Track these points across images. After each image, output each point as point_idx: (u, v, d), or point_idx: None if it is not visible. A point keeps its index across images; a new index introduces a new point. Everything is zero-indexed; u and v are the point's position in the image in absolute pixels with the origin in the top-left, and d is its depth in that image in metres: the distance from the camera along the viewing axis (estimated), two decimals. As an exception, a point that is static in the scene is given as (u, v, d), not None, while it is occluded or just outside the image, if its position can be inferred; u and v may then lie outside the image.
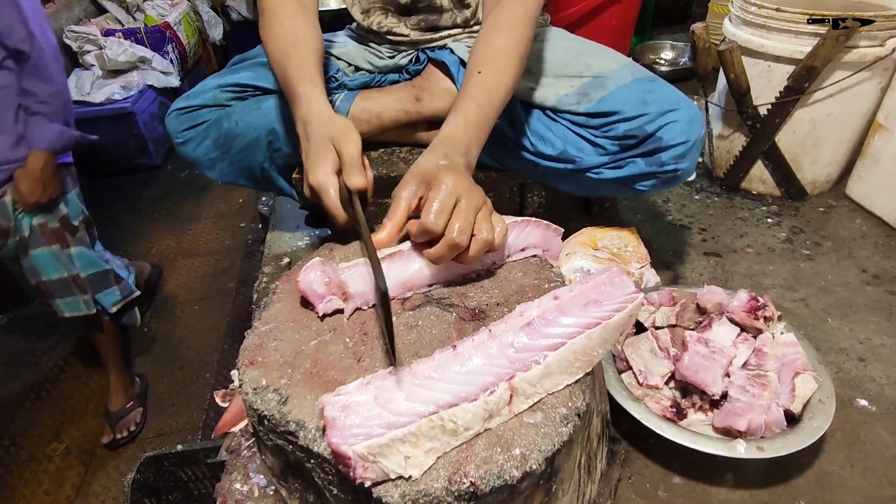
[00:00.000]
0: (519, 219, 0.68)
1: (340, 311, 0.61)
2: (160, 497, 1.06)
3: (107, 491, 1.47)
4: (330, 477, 0.49)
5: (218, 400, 0.89)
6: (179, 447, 1.01)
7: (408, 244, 0.64)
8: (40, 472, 1.53)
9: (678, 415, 0.85)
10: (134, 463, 0.98)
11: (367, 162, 0.69)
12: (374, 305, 0.62)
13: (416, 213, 0.62)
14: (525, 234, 0.69)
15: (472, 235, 0.59)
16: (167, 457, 1.03)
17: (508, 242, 0.67)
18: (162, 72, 2.78)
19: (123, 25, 2.89)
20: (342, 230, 0.68)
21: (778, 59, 1.39)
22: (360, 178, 0.65)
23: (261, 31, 0.88)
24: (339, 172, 0.66)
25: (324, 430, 0.46)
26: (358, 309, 0.62)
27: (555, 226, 0.71)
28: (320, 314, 0.60)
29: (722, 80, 1.54)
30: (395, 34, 1.04)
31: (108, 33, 2.69)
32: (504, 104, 0.77)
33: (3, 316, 1.97)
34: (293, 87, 0.76)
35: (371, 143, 1.08)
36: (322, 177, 0.64)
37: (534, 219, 0.69)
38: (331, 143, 0.67)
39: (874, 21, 1.24)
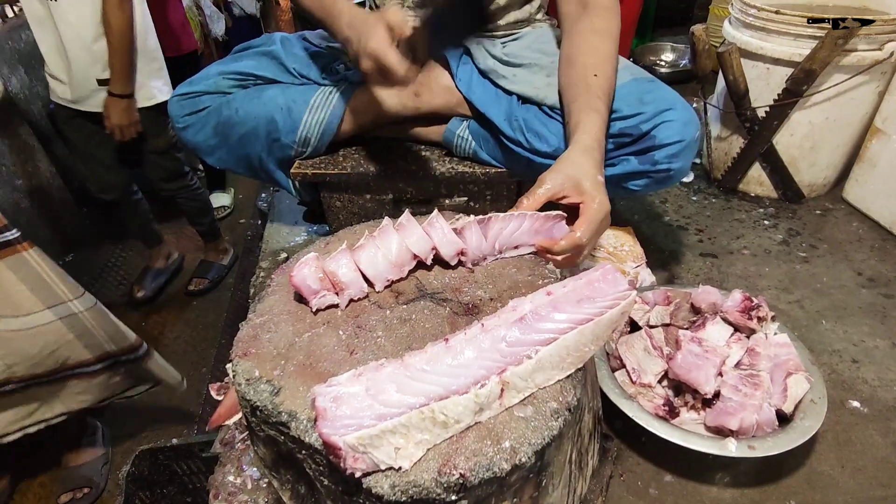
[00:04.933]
0: (514, 213, 0.68)
1: (335, 306, 0.62)
2: (154, 490, 1.06)
3: (102, 484, 1.47)
4: (321, 468, 0.49)
5: (213, 393, 0.90)
6: (175, 441, 1.02)
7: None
8: (36, 462, 1.53)
9: (670, 413, 0.85)
10: (129, 456, 0.99)
11: None
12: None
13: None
14: (520, 232, 0.68)
15: None
16: (162, 450, 1.03)
17: (500, 239, 0.67)
18: (163, 67, 2.78)
19: (125, 20, 2.89)
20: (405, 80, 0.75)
21: (777, 61, 1.39)
22: (410, 24, 0.74)
23: None
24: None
25: (315, 420, 0.46)
26: (352, 301, 0.62)
27: (554, 212, 0.70)
28: (314, 309, 0.60)
29: (721, 82, 1.54)
30: None
31: (109, 28, 2.69)
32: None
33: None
34: (330, 5, 0.85)
35: (369, 138, 1.09)
36: (378, 41, 0.72)
37: (528, 212, 0.69)
38: (379, 20, 0.74)
39: (874, 21, 1.24)
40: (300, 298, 0.62)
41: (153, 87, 1.60)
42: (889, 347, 1.08)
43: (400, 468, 0.45)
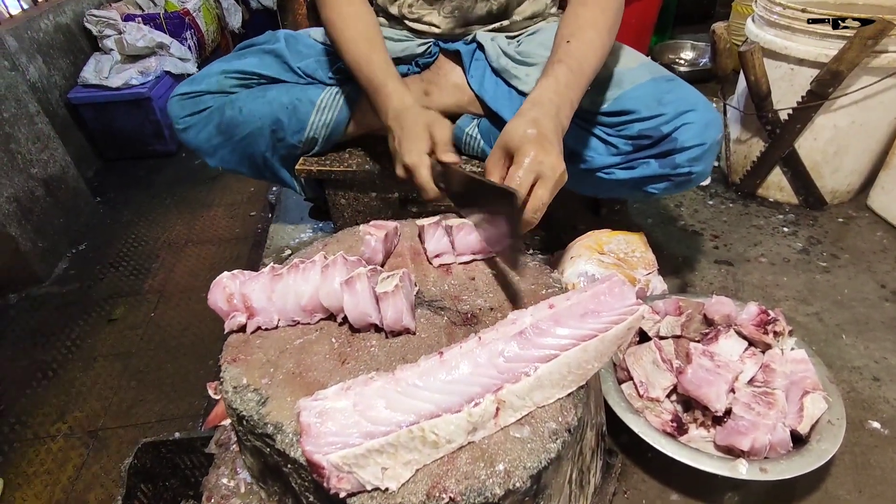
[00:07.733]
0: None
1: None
2: (156, 483, 1.06)
3: (107, 473, 1.48)
4: (306, 483, 0.47)
5: (210, 392, 0.89)
6: (178, 434, 1.01)
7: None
8: (43, 451, 1.54)
9: (679, 430, 0.82)
10: (132, 448, 0.98)
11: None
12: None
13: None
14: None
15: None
16: (165, 443, 1.03)
17: (460, 244, 0.67)
18: (180, 58, 2.79)
19: (143, 11, 2.91)
20: (429, 202, 0.75)
21: (801, 62, 1.34)
22: (453, 156, 0.74)
23: (326, 14, 0.88)
24: (429, 154, 0.74)
25: (300, 435, 0.44)
26: (258, 328, 0.58)
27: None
28: (226, 331, 0.57)
29: (742, 82, 1.49)
30: (426, 23, 1.01)
31: (127, 18, 2.71)
32: (594, 73, 0.78)
33: (15, 295, 1.99)
34: (380, 82, 0.82)
35: (377, 137, 1.06)
36: (416, 156, 0.73)
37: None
38: (426, 130, 0.74)
39: (874, 21, 1.19)
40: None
41: None
42: (912, 365, 1.04)
43: (387, 489, 0.43)
